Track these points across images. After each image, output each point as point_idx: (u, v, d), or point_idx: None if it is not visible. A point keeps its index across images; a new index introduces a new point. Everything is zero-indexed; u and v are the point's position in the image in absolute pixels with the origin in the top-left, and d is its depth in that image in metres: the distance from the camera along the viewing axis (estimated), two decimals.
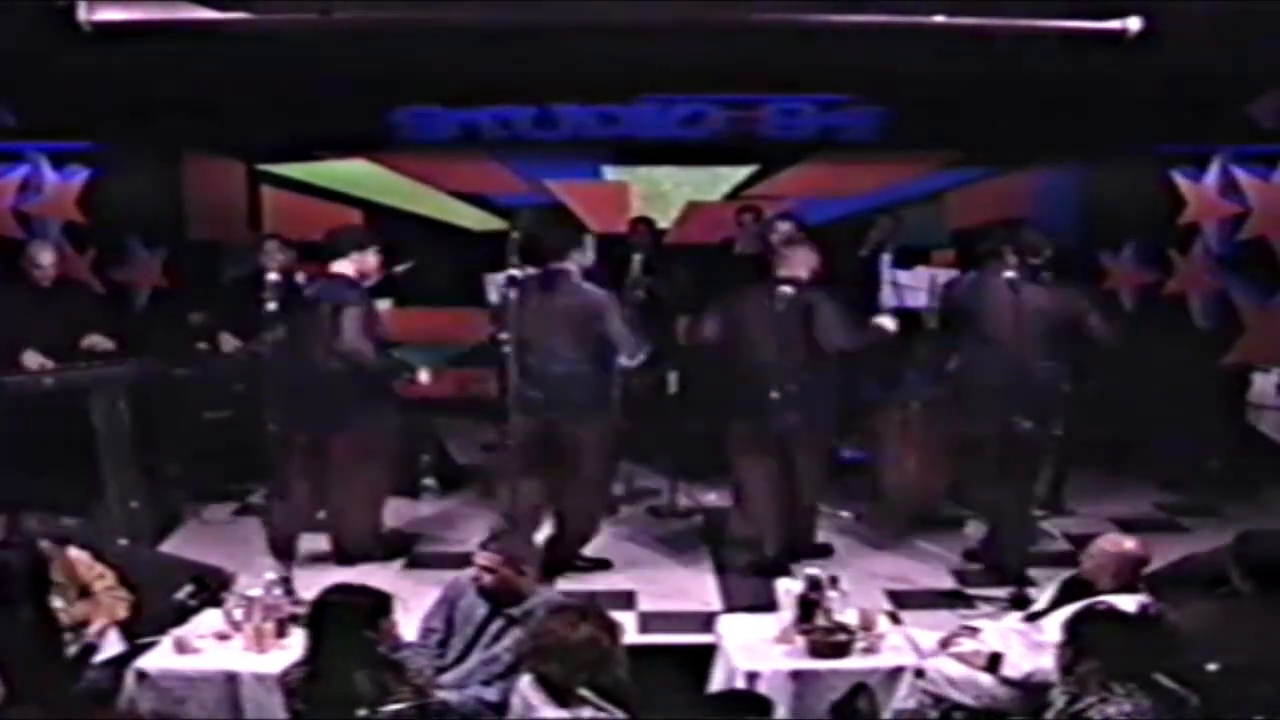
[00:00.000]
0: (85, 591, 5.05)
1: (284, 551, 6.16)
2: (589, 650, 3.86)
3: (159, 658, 4.74)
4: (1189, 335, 8.38)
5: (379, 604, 4.22)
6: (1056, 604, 4.71)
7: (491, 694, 4.48)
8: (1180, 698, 3.70)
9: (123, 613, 5.08)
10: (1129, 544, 4.82)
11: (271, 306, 5.97)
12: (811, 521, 6.43)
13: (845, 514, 7.11)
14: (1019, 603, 5.44)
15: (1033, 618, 4.81)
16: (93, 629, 4.94)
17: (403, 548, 6.60)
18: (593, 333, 6.03)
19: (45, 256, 7.07)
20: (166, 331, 7.92)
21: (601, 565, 6.36)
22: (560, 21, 6.41)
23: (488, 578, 4.71)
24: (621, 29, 6.45)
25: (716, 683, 4.84)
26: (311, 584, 5.01)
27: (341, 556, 6.30)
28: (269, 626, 4.75)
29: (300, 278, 7.04)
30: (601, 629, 3.92)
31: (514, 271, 6.02)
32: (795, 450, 6.15)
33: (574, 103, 8.65)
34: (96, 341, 6.76)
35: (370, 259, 6.25)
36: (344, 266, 6.22)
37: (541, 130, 8.89)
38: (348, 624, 4.10)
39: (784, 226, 7.59)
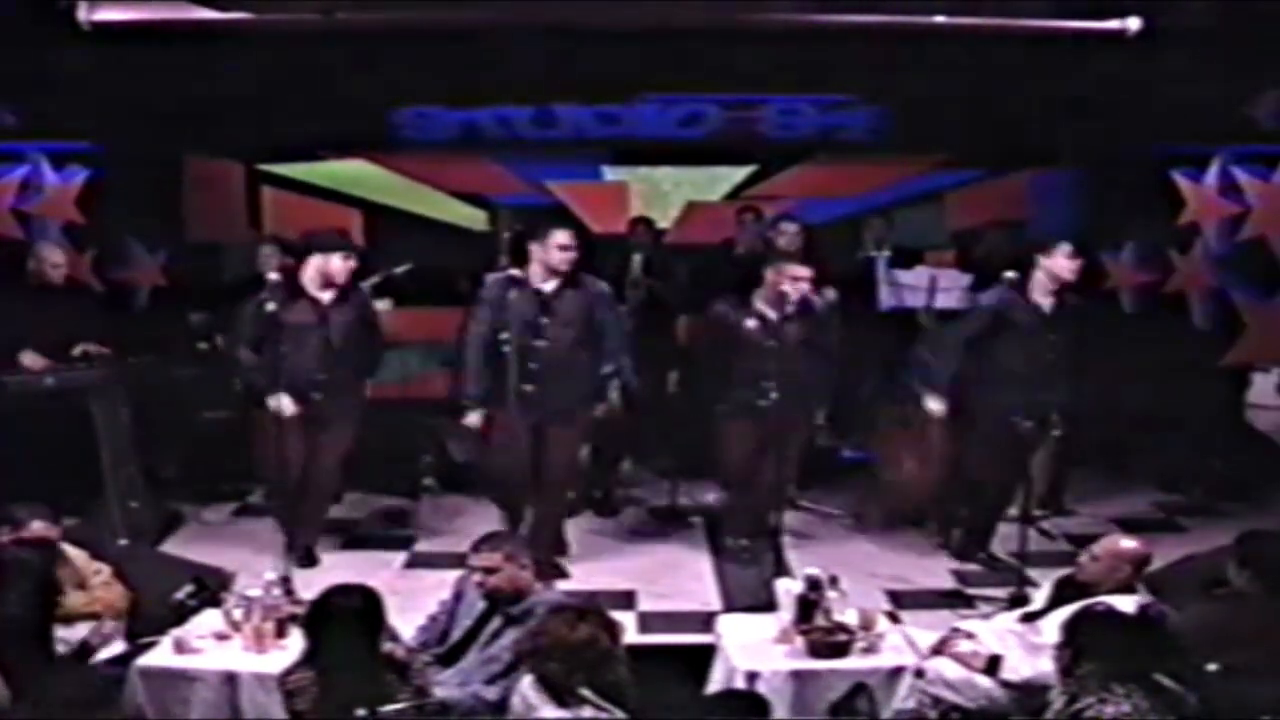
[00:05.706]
0: (81, 585, 5.07)
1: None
2: (588, 650, 3.85)
3: (158, 658, 4.73)
4: (1189, 335, 8.35)
5: (378, 604, 4.21)
6: (1052, 604, 4.71)
7: (491, 693, 4.47)
8: (1180, 698, 3.70)
9: (122, 604, 5.09)
10: (1132, 544, 4.82)
11: (271, 307, 5.97)
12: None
13: (836, 512, 7.13)
14: (1018, 603, 5.44)
15: (1029, 618, 4.80)
16: (93, 623, 4.97)
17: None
18: (591, 325, 6.09)
19: (56, 255, 7.10)
20: (166, 331, 7.90)
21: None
22: (560, 21, 6.42)
23: (491, 579, 4.66)
24: (622, 29, 6.46)
25: (716, 683, 4.82)
26: (310, 584, 5.02)
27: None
28: (268, 627, 4.73)
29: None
30: (601, 629, 3.92)
31: (514, 271, 6.05)
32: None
33: (574, 103, 8.65)
34: (90, 350, 6.74)
35: (334, 263, 6.19)
36: (309, 268, 6.22)
37: (541, 130, 8.89)
38: (347, 624, 4.10)
39: (789, 227, 7.59)
